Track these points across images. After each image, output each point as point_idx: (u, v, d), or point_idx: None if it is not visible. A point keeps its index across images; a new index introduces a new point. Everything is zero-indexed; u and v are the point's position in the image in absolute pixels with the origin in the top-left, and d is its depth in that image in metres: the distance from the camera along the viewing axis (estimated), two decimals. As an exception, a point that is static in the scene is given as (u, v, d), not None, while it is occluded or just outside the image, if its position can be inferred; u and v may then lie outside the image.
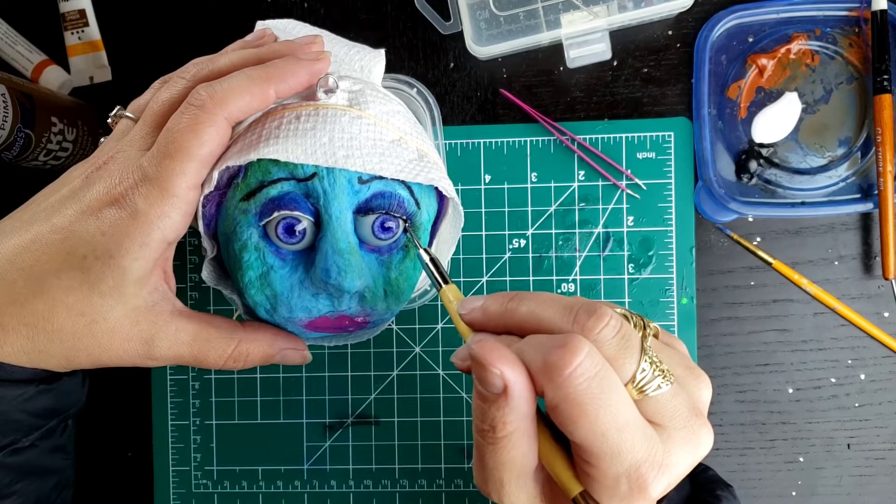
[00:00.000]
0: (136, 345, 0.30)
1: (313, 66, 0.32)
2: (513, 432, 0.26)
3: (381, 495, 0.51)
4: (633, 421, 0.26)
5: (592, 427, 0.25)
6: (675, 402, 0.27)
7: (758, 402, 0.50)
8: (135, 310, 0.29)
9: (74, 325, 0.29)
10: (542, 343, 0.26)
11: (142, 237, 0.28)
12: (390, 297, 0.34)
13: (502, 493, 0.28)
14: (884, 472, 0.50)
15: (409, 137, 0.34)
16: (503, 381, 0.25)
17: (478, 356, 0.26)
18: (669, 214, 0.50)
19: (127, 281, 0.29)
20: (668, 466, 0.26)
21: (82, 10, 0.51)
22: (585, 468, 0.26)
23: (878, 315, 0.49)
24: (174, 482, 0.52)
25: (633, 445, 0.25)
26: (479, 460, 0.28)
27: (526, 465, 0.27)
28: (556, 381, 0.25)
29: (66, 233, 0.28)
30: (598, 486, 0.26)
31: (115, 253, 0.28)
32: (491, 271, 0.50)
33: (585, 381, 0.25)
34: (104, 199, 0.29)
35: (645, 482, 0.26)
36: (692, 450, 0.27)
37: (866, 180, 0.48)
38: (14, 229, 0.30)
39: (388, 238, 0.33)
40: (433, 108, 0.45)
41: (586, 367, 0.25)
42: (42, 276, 0.28)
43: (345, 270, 0.31)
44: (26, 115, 0.43)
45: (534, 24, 0.48)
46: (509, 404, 0.26)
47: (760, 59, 0.48)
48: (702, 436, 0.27)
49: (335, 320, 0.33)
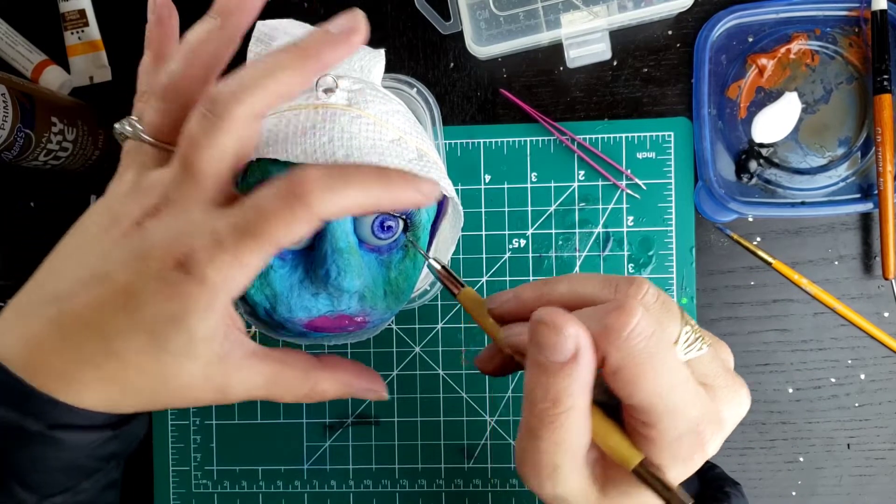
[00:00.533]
0: (211, 394, 0.29)
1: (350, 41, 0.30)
2: (574, 406, 0.26)
3: (381, 495, 0.51)
4: (688, 379, 0.26)
5: (654, 386, 0.25)
6: (714, 362, 0.29)
7: (758, 402, 0.50)
8: (206, 364, 0.28)
9: (148, 383, 0.28)
10: (595, 311, 0.26)
11: (208, 301, 0.27)
12: (390, 296, 0.34)
13: (556, 478, 0.27)
14: (884, 472, 0.50)
15: (409, 137, 0.34)
16: (576, 343, 0.25)
17: (548, 320, 0.25)
18: (669, 214, 0.50)
19: (195, 340, 0.28)
20: (721, 422, 0.27)
21: (82, 10, 0.51)
22: (644, 432, 0.26)
23: (878, 315, 0.49)
24: (174, 482, 0.52)
25: (693, 403, 0.26)
26: (532, 444, 0.27)
27: (581, 446, 0.27)
28: (617, 343, 0.25)
29: (130, 297, 0.27)
30: (658, 448, 0.26)
31: (181, 316, 0.27)
32: (491, 271, 0.50)
33: (644, 340, 0.25)
34: (168, 261, 0.27)
35: (704, 439, 0.26)
36: (737, 406, 0.28)
37: (866, 180, 0.48)
38: (75, 284, 0.28)
39: (387, 238, 0.33)
40: (433, 108, 0.45)
41: (643, 327, 0.25)
42: (111, 338, 0.27)
43: (344, 270, 0.31)
44: (26, 115, 0.43)
45: (534, 24, 0.48)
46: (577, 371, 0.25)
47: (760, 59, 0.48)
48: (742, 393, 0.29)
49: (335, 320, 0.33)
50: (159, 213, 0.28)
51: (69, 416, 0.28)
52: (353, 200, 0.28)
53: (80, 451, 0.29)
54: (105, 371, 0.28)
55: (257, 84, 0.28)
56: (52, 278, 0.29)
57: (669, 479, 0.26)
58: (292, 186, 0.27)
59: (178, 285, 0.27)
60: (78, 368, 0.28)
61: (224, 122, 0.28)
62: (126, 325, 0.27)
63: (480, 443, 0.51)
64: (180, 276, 0.27)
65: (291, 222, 0.27)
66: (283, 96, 0.29)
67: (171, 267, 0.27)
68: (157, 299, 0.27)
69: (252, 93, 0.28)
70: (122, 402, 0.29)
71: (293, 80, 0.29)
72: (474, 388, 0.51)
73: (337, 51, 0.29)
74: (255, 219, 0.27)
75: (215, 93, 0.28)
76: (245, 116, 0.28)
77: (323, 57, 0.29)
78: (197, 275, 0.27)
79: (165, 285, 0.27)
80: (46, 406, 0.28)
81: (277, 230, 0.27)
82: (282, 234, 0.27)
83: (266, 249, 0.27)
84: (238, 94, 0.28)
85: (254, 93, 0.28)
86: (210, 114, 0.28)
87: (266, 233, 0.27)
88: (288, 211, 0.27)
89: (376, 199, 0.29)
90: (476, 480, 0.51)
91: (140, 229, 0.28)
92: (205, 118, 0.28)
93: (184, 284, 0.27)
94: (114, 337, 0.27)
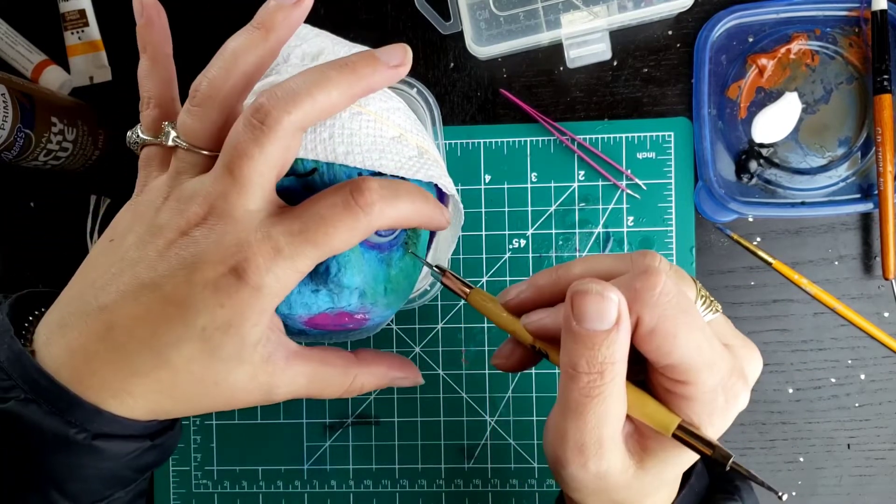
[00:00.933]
0: (256, 395, 0.30)
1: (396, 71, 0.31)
2: (617, 375, 0.27)
3: (381, 495, 0.51)
4: (714, 336, 0.27)
5: (688, 340, 0.26)
6: (727, 325, 0.30)
7: (758, 402, 0.50)
8: (252, 367, 0.29)
9: (197, 389, 0.29)
10: (622, 279, 0.27)
11: (262, 306, 0.28)
12: (390, 294, 0.34)
13: (601, 454, 0.28)
14: (884, 472, 0.50)
15: (409, 134, 0.34)
16: (618, 308, 0.26)
17: (589, 289, 0.26)
18: (669, 214, 0.50)
19: (245, 345, 0.28)
20: (745, 377, 0.28)
21: (82, 10, 0.51)
22: (681, 391, 0.27)
23: (878, 315, 0.49)
24: (174, 482, 0.52)
25: (723, 356, 0.27)
26: (575, 422, 0.27)
27: (621, 418, 0.28)
28: (650, 302, 0.26)
29: (181, 306, 0.27)
30: (696, 404, 0.27)
31: (234, 323, 0.28)
32: (491, 271, 0.50)
33: (674, 298, 0.26)
34: (220, 267, 0.27)
35: (737, 391, 0.27)
36: (755, 363, 0.30)
37: (866, 180, 0.48)
38: (122, 296, 0.28)
39: (388, 235, 0.33)
40: (433, 107, 0.45)
41: (670, 286, 0.26)
42: (162, 348, 0.28)
43: (345, 266, 0.31)
44: (26, 115, 0.43)
45: (534, 24, 0.48)
46: (620, 337, 0.26)
47: (760, 59, 0.48)
48: (756, 353, 0.30)
49: (335, 317, 0.33)
50: (206, 223, 0.28)
51: (111, 426, 0.28)
52: (404, 213, 0.30)
53: (118, 460, 0.30)
54: (155, 380, 0.28)
55: (307, 97, 0.28)
56: (93, 290, 0.29)
57: (709, 435, 0.27)
58: (356, 197, 0.28)
59: (232, 293, 0.27)
60: (128, 379, 0.28)
61: (272, 132, 0.28)
62: (178, 335, 0.28)
63: (480, 443, 0.51)
64: (235, 283, 0.27)
65: (353, 229, 0.28)
66: (328, 112, 0.29)
67: (225, 275, 0.27)
68: (210, 307, 0.27)
69: (300, 105, 0.28)
70: (170, 409, 0.30)
71: (341, 98, 0.29)
72: (474, 388, 0.51)
73: (384, 78, 0.30)
74: (315, 226, 0.28)
75: (264, 102, 0.28)
76: (292, 128, 0.28)
77: (371, 82, 0.30)
78: (252, 282, 0.27)
79: (219, 293, 0.27)
80: (91, 415, 0.28)
81: (338, 238, 0.28)
82: (341, 242, 0.28)
83: (321, 255, 0.28)
84: (287, 106, 0.28)
85: (302, 106, 0.28)
86: (259, 123, 0.28)
87: (326, 240, 0.28)
88: (351, 219, 0.28)
89: (419, 213, 0.30)
90: (476, 480, 0.51)
91: (187, 239, 0.28)
92: (253, 127, 0.28)
93: (238, 291, 0.27)
94: (165, 347, 0.28)
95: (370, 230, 0.29)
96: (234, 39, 0.30)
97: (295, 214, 0.28)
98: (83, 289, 0.29)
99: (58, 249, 0.51)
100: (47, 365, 0.28)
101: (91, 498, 0.30)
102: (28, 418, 0.27)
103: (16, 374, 0.28)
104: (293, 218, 0.28)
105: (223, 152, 0.29)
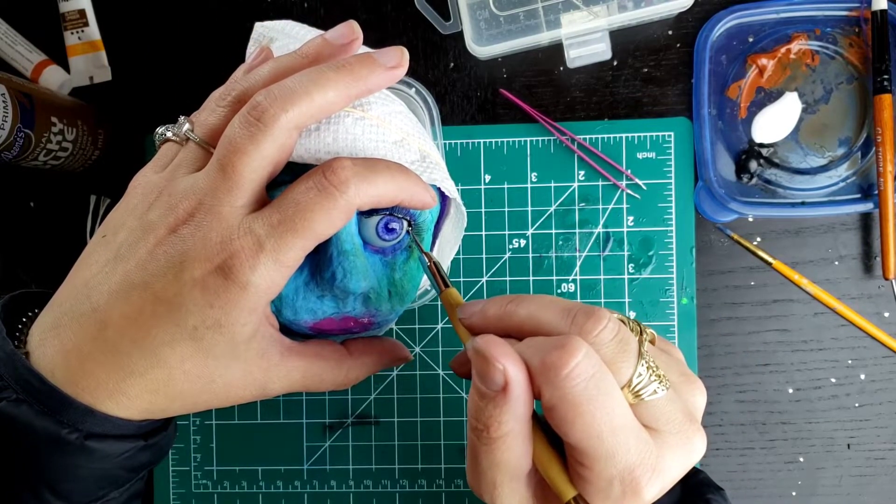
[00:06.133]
0: (251, 391, 0.30)
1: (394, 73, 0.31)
2: (508, 433, 0.26)
3: (381, 495, 0.51)
4: (629, 424, 0.26)
5: (588, 428, 0.25)
6: (670, 407, 0.27)
7: (758, 402, 0.50)
8: (246, 363, 0.29)
9: (193, 387, 0.29)
10: (541, 344, 0.26)
11: (251, 305, 0.28)
12: (394, 297, 0.34)
13: (494, 494, 0.28)
14: (884, 472, 0.50)
15: (412, 138, 0.34)
16: (504, 377, 0.25)
17: (482, 350, 0.26)
18: (669, 214, 0.50)
19: (238, 342, 0.28)
20: (661, 470, 0.26)
21: (82, 10, 0.51)
22: (579, 470, 0.26)
23: (878, 315, 0.49)
24: (174, 482, 0.52)
25: (628, 448, 0.26)
26: (473, 460, 0.28)
27: (520, 468, 0.27)
28: (554, 382, 0.25)
29: (171, 305, 0.27)
30: (592, 488, 0.26)
31: (225, 322, 0.28)
32: (491, 271, 0.50)
33: (582, 382, 0.25)
34: (207, 265, 0.27)
35: (638, 485, 0.26)
36: (685, 455, 0.27)
37: (866, 180, 0.48)
38: (114, 296, 0.28)
39: (391, 239, 0.33)
40: (432, 107, 0.45)
41: (584, 368, 0.25)
42: (155, 348, 0.28)
43: (350, 272, 0.31)
44: (26, 115, 0.43)
45: (534, 24, 0.48)
46: (508, 403, 0.26)
47: (760, 59, 0.48)
48: (695, 441, 0.28)
49: (340, 322, 0.33)
50: (193, 220, 0.28)
51: (103, 426, 0.28)
52: (384, 190, 0.29)
53: (111, 460, 0.29)
54: (150, 380, 0.28)
55: (304, 95, 0.28)
56: (86, 289, 0.29)
57: None
58: (329, 177, 0.28)
59: (220, 292, 0.27)
60: (123, 380, 0.28)
61: (268, 129, 0.28)
62: (170, 335, 0.28)
63: (480, 443, 0.51)
64: (222, 281, 0.27)
65: (332, 211, 0.28)
66: (325, 112, 0.29)
67: (212, 273, 0.27)
68: (200, 307, 0.27)
69: (298, 104, 0.28)
70: (165, 408, 0.29)
71: (338, 98, 0.29)
72: (474, 388, 0.51)
73: (381, 80, 0.30)
74: (293, 213, 0.28)
75: (260, 99, 0.28)
76: (288, 126, 0.28)
77: (369, 83, 0.30)
78: (239, 280, 0.27)
79: (207, 292, 0.27)
80: (83, 415, 0.28)
81: (318, 221, 0.28)
82: (322, 225, 0.28)
83: (304, 244, 0.28)
84: (284, 103, 0.28)
85: (300, 104, 0.28)
86: (255, 119, 0.28)
87: (306, 226, 0.27)
88: (328, 201, 0.28)
89: (400, 189, 0.30)
90: (476, 480, 0.51)
91: (175, 237, 0.28)
92: (249, 123, 0.28)
93: (226, 290, 0.27)
94: (158, 347, 0.28)
95: (350, 210, 0.28)
96: (281, 58, 0.31)
97: (274, 206, 0.28)
98: (76, 288, 0.29)
99: (58, 249, 0.51)
100: (42, 366, 0.28)
101: (85, 498, 0.30)
102: (20, 419, 0.27)
103: (7, 375, 0.28)
104: (272, 209, 0.28)
105: (218, 149, 0.29)
